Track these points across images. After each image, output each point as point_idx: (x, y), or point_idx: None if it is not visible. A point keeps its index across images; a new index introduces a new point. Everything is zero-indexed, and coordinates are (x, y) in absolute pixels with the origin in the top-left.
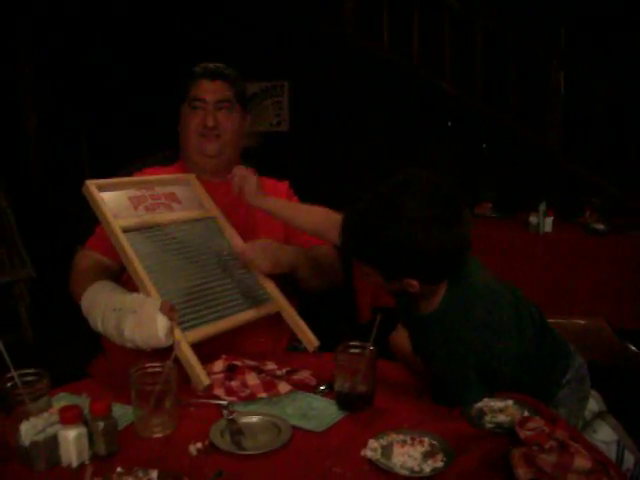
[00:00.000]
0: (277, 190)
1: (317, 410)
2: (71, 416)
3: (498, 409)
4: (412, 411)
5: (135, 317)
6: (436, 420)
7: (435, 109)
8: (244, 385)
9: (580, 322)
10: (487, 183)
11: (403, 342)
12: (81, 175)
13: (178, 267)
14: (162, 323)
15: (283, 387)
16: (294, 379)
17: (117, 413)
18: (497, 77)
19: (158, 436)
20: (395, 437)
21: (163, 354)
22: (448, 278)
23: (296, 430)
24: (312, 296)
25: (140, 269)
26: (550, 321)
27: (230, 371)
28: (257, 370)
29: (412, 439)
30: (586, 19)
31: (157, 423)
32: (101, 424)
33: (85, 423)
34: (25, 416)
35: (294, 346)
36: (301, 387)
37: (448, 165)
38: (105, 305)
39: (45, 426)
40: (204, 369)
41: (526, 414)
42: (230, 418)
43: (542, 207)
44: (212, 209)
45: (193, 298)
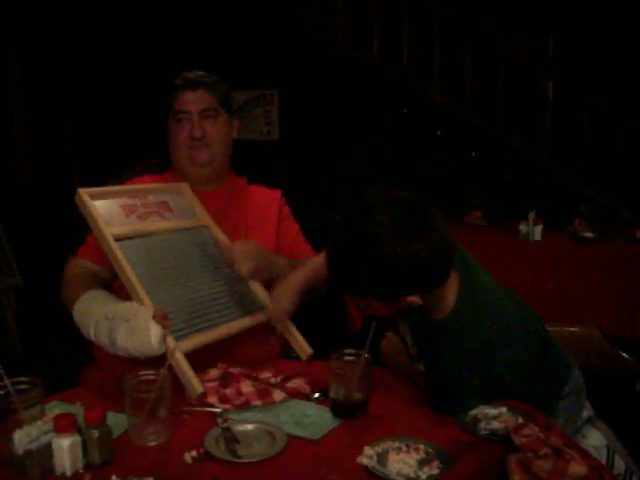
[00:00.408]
0: (269, 198)
1: (312, 418)
2: (65, 424)
3: (492, 416)
4: (407, 418)
5: (128, 325)
6: (431, 427)
7: (424, 118)
8: (239, 393)
9: (571, 329)
10: (476, 192)
11: (394, 349)
12: (70, 183)
13: (171, 275)
14: (155, 331)
15: (278, 395)
16: (288, 387)
17: (110, 421)
18: (486, 86)
19: (152, 444)
20: (391, 444)
21: (155, 363)
22: (449, 281)
23: (291, 438)
24: (304, 304)
25: (133, 277)
26: None
27: (225, 379)
28: (252, 378)
29: (408, 446)
30: (575, 29)
31: (151, 431)
32: (95, 432)
33: (79, 431)
34: (18, 424)
35: (286, 353)
36: (295, 395)
37: (437, 174)
38: (98, 314)
39: (39, 434)
40: (197, 377)
41: (520, 421)
42: (225, 426)
43: (531, 216)
44: (204, 218)
45: (186, 306)
